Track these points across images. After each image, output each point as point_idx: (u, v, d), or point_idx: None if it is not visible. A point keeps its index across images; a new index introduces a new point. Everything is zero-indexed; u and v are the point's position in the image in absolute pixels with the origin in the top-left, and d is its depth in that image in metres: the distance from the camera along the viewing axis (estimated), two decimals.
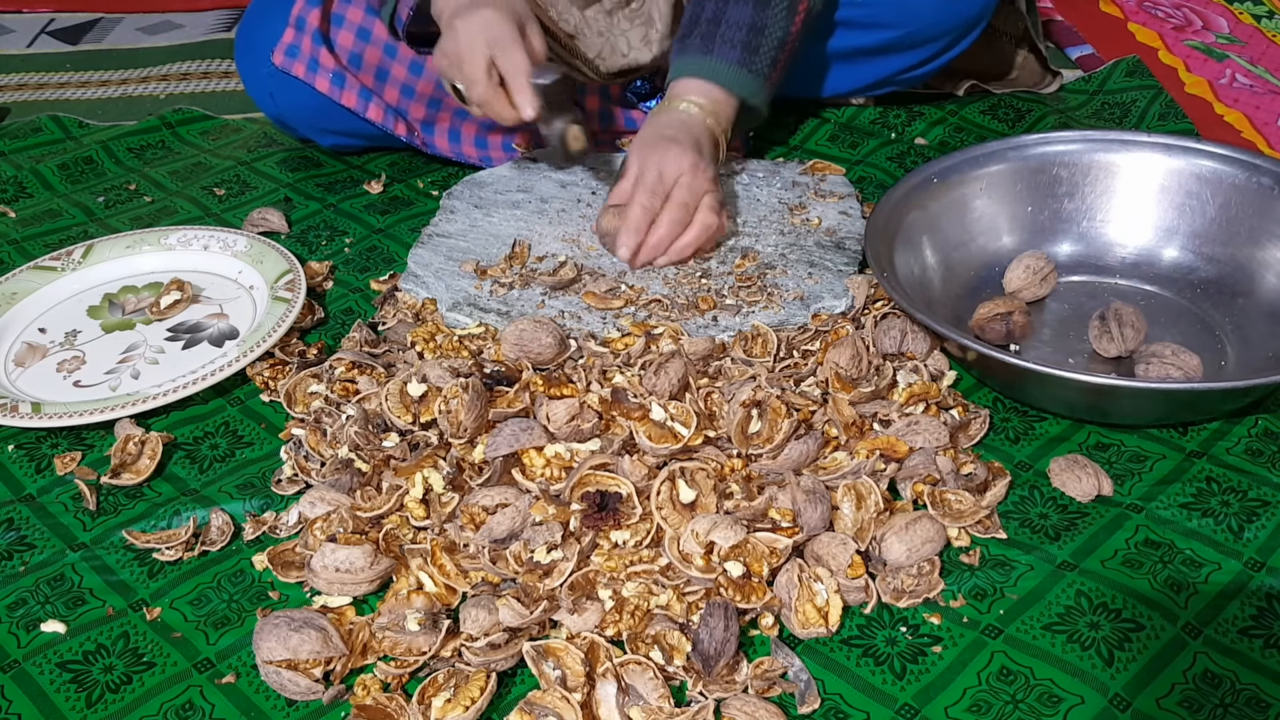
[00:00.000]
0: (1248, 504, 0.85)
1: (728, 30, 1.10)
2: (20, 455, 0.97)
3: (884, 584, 0.80)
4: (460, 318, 1.04)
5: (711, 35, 1.10)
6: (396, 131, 1.27)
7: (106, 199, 1.33)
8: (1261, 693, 0.72)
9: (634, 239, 1.06)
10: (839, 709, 0.73)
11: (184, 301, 1.12)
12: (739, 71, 1.10)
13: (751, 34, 1.10)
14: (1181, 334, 1.00)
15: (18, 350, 1.08)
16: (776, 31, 1.10)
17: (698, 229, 1.07)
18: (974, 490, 0.85)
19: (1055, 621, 0.77)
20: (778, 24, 1.10)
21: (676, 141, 1.07)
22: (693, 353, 0.95)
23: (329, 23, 1.23)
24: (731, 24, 1.10)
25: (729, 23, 1.10)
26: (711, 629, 0.73)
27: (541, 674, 0.73)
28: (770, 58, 1.11)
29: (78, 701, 0.76)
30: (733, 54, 1.10)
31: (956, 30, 1.25)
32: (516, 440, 0.85)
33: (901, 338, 0.97)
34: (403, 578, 0.81)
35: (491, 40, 1.06)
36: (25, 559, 0.87)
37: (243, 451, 0.96)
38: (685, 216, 1.06)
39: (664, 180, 1.06)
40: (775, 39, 1.11)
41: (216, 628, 0.80)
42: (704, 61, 1.11)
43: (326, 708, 0.74)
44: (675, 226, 1.06)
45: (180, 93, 1.63)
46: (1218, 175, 1.05)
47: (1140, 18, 1.67)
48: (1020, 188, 1.10)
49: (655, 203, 1.06)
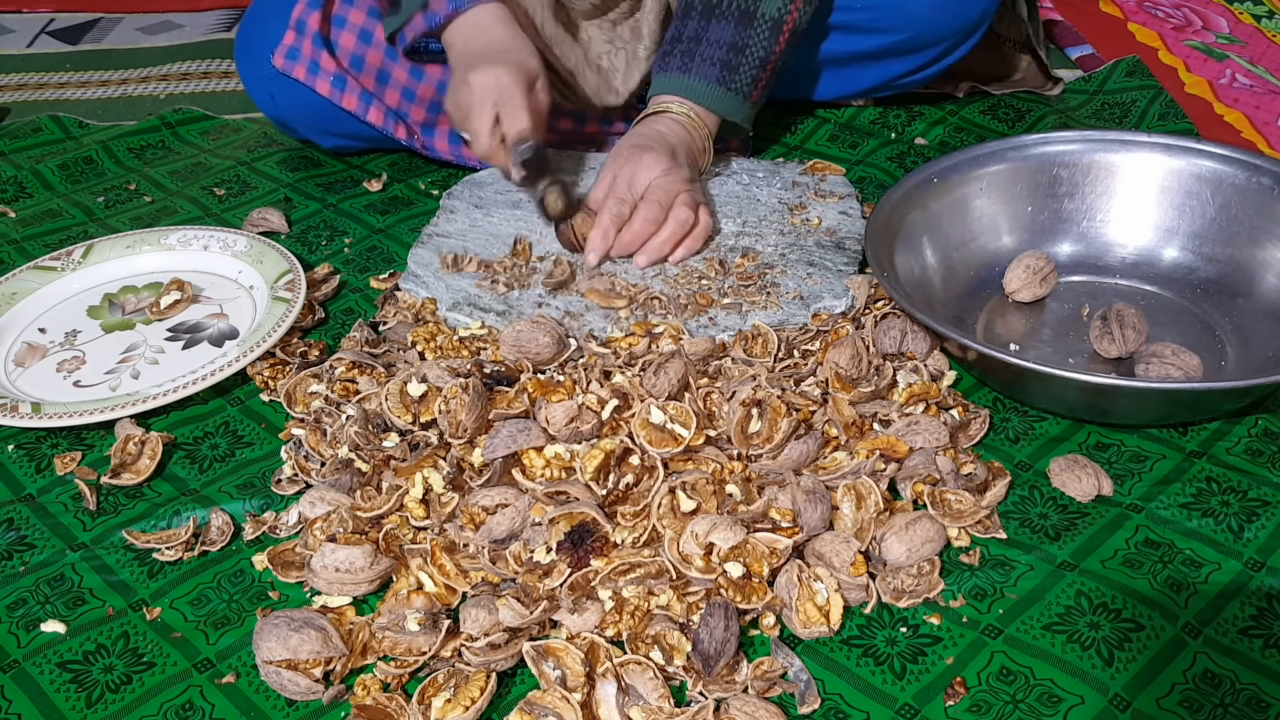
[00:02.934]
0: (1248, 504, 0.85)
1: (708, 49, 1.11)
2: (20, 455, 0.97)
3: (884, 584, 0.80)
4: (460, 318, 1.04)
5: (691, 54, 1.11)
6: (396, 135, 1.27)
7: (106, 199, 1.33)
8: (1261, 693, 0.72)
9: (602, 244, 1.07)
10: (839, 709, 0.73)
11: (184, 301, 1.12)
12: (717, 90, 1.11)
13: (732, 53, 1.10)
14: (1181, 334, 1.00)
15: (18, 350, 1.08)
16: (758, 50, 1.11)
17: (673, 224, 1.07)
18: (974, 490, 0.85)
19: (1055, 621, 0.77)
20: (760, 43, 1.11)
21: (649, 149, 1.08)
22: (693, 353, 0.95)
23: (330, 25, 1.23)
24: (712, 42, 1.11)
25: (709, 41, 1.11)
26: (711, 629, 0.73)
27: (541, 674, 0.73)
28: (751, 76, 1.12)
29: (78, 701, 0.76)
30: (711, 72, 1.11)
31: (957, 35, 1.25)
32: (514, 441, 0.85)
33: (901, 338, 0.97)
34: (403, 578, 0.81)
35: (500, 100, 1.08)
36: (25, 559, 0.87)
37: (243, 451, 0.96)
38: (659, 214, 1.06)
39: (634, 187, 1.07)
40: (757, 58, 1.11)
41: (216, 628, 0.80)
42: (682, 80, 1.12)
43: (326, 708, 0.74)
44: (648, 224, 1.07)
45: (180, 93, 1.63)
46: (1218, 175, 1.05)
47: (1140, 18, 1.67)
48: (1020, 188, 1.10)
49: (624, 209, 1.07)
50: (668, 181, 1.07)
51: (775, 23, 1.10)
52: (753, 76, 1.12)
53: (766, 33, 1.10)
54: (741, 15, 1.10)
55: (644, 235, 1.07)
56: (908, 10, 1.22)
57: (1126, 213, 1.09)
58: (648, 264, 1.08)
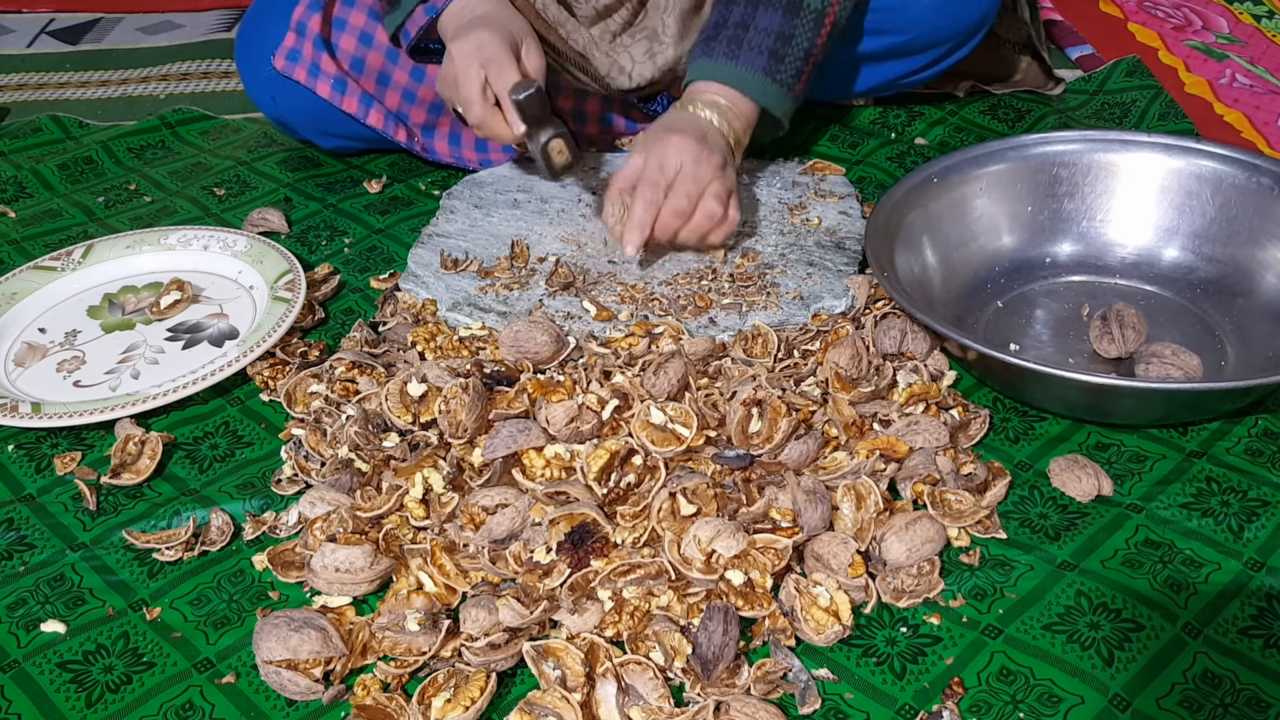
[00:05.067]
0: (1248, 504, 0.85)
1: (755, 36, 1.07)
2: (20, 455, 0.97)
3: (884, 584, 0.80)
4: (460, 318, 1.04)
5: (739, 40, 1.07)
6: (396, 138, 1.27)
7: (106, 199, 1.33)
8: (1261, 693, 0.72)
9: (639, 235, 1.04)
10: (839, 709, 0.73)
11: (184, 301, 1.12)
12: (764, 80, 1.07)
13: (779, 42, 1.07)
14: (1181, 334, 1.00)
15: (18, 350, 1.08)
16: (803, 41, 1.08)
17: (699, 218, 1.04)
18: (974, 490, 0.85)
19: (1055, 621, 0.77)
20: (805, 33, 1.07)
21: (680, 132, 1.04)
22: (693, 353, 0.95)
23: (330, 27, 1.23)
24: (760, 30, 1.07)
25: (757, 29, 1.07)
26: (710, 633, 0.73)
27: (541, 674, 0.73)
28: (795, 68, 1.08)
29: (78, 701, 0.76)
30: (759, 61, 1.07)
31: (959, 36, 1.25)
32: (514, 441, 0.85)
33: (901, 338, 0.97)
34: (403, 578, 0.81)
35: (485, 60, 1.04)
36: (25, 559, 0.87)
37: (243, 451, 0.96)
38: (688, 206, 1.04)
39: (665, 172, 1.04)
40: (802, 49, 1.08)
41: (216, 628, 0.80)
42: (729, 67, 1.07)
43: (326, 708, 0.74)
44: (675, 218, 1.04)
45: (180, 93, 1.63)
46: (1218, 175, 1.05)
47: (1140, 18, 1.67)
48: (1020, 188, 1.09)
49: (658, 195, 1.03)
50: (698, 169, 1.03)
51: (819, 14, 1.08)
52: (797, 69, 1.08)
53: (811, 24, 1.08)
54: (789, 4, 1.07)
55: (672, 229, 1.05)
56: (909, 13, 1.21)
57: (1126, 213, 1.09)
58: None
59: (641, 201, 1.03)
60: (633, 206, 1.04)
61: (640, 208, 1.04)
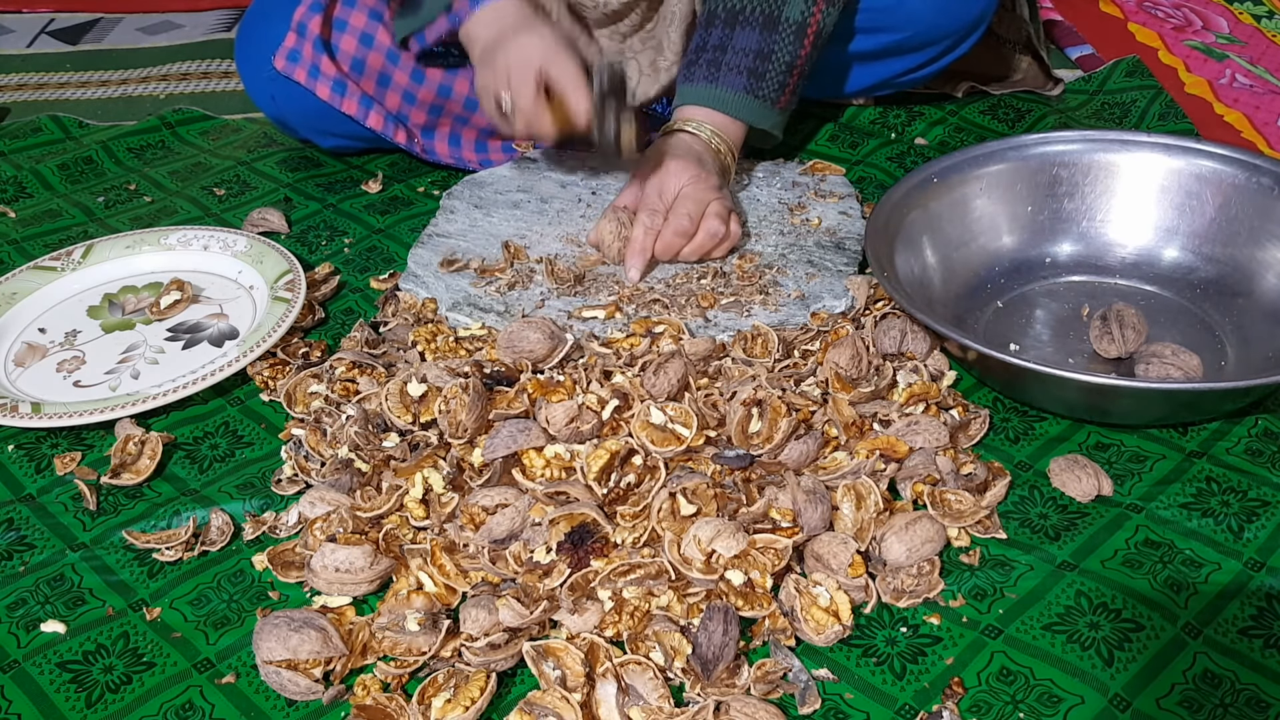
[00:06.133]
0: (1248, 504, 0.85)
1: (734, 57, 1.09)
2: (20, 455, 0.97)
3: (884, 584, 0.80)
4: (460, 318, 1.04)
5: (717, 63, 1.10)
6: (396, 139, 1.27)
7: (106, 199, 1.33)
8: (1261, 693, 0.72)
9: (641, 260, 1.06)
10: (839, 709, 0.73)
11: (184, 301, 1.12)
12: (745, 99, 1.10)
13: (759, 60, 1.09)
14: (1181, 334, 1.00)
15: (18, 350, 1.08)
16: (784, 56, 1.09)
17: (702, 237, 1.07)
18: (974, 490, 0.85)
19: (1055, 621, 0.77)
20: (785, 48, 1.09)
21: (676, 157, 1.07)
22: (693, 353, 0.95)
23: (331, 28, 1.23)
24: (737, 50, 1.09)
25: (735, 49, 1.09)
26: (710, 633, 0.73)
27: (541, 674, 0.73)
28: (778, 82, 1.10)
29: (78, 701, 0.76)
30: (739, 81, 1.09)
31: (956, 34, 1.25)
32: (514, 441, 0.85)
33: (901, 338, 0.97)
34: (403, 578, 0.81)
35: (545, 53, 1.04)
36: (25, 559, 0.87)
37: (243, 451, 0.96)
38: (689, 226, 1.06)
39: (664, 197, 1.07)
40: (783, 63, 1.10)
41: (216, 628, 0.80)
42: (709, 90, 1.10)
43: (326, 708, 0.74)
44: (678, 237, 1.06)
45: (180, 93, 1.63)
46: (1218, 175, 1.05)
47: (1140, 18, 1.67)
48: (1020, 188, 1.10)
49: (657, 220, 1.06)
50: (697, 190, 1.06)
51: (799, 26, 1.09)
52: (780, 82, 1.10)
53: (791, 37, 1.09)
54: (766, 20, 1.09)
55: (674, 248, 1.07)
56: (907, 10, 1.21)
57: (1126, 213, 1.09)
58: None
59: (642, 227, 1.06)
60: (633, 232, 1.07)
61: (641, 233, 1.06)
